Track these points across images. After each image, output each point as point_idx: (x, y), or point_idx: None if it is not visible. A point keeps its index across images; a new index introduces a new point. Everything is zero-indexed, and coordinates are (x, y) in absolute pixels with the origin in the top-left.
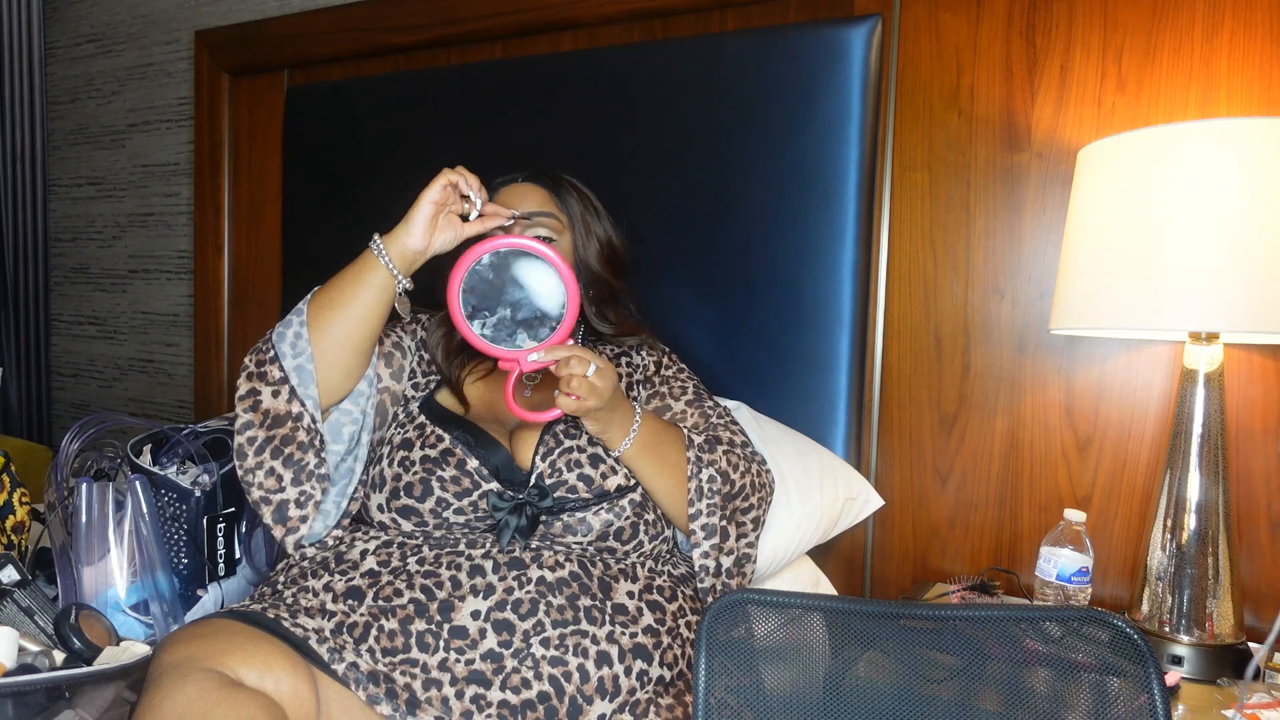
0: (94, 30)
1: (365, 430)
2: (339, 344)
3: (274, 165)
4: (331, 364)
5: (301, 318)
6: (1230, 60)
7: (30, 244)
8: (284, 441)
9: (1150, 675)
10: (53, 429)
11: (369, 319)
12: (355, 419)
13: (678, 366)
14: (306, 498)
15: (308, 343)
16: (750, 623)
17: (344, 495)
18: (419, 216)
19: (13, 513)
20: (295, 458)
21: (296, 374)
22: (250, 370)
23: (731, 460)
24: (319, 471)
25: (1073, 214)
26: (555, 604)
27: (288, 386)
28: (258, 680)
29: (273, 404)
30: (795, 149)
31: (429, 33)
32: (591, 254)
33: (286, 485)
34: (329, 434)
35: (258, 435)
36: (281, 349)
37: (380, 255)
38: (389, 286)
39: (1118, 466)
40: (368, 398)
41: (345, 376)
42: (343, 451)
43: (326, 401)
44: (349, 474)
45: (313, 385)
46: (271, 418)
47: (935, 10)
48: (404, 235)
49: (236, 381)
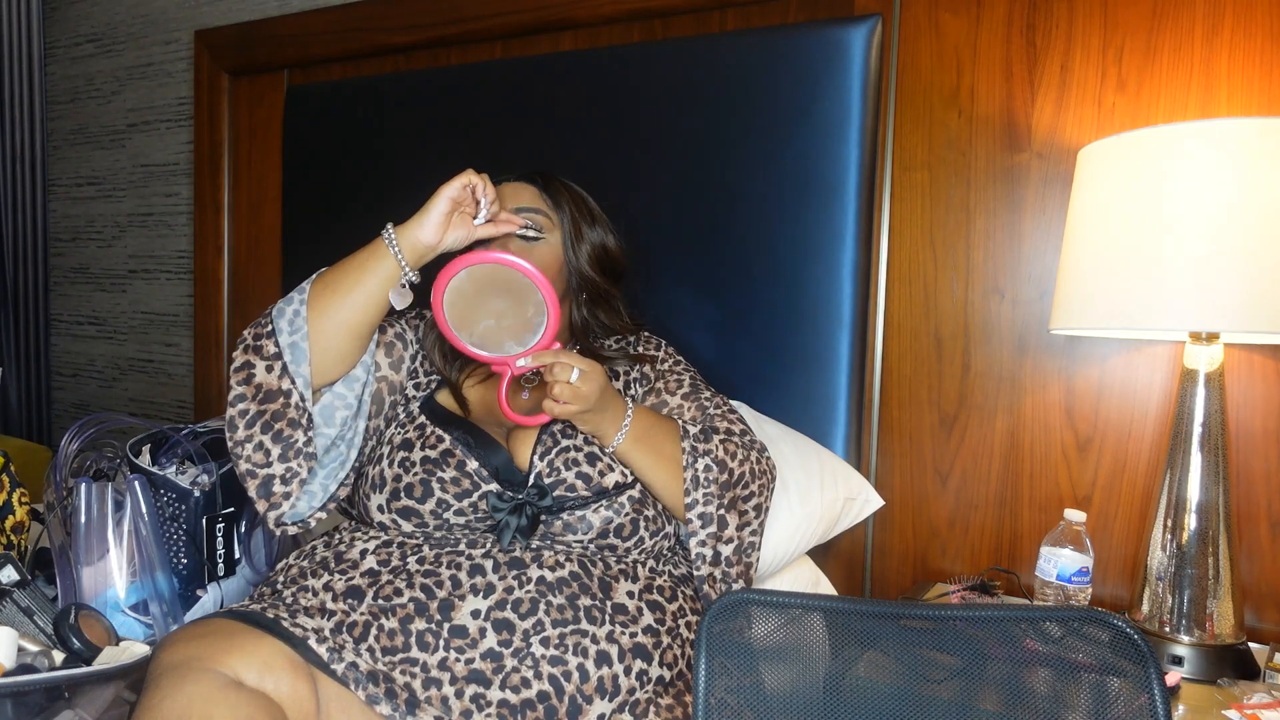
0: (94, 30)
1: (360, 417)
2: (337, 327)
3: (274, 165)
4: (327, 346)
5: (303, 296)
6: (1230, 60)
7: (30, 244)
8: (274, 417)
9: (1150, 675)
10: (52, 429)
11: (370, 307)
12: (349, 404)
13: (674, 360)
14: (292, 474)
15: (305, 321)
16: (750, 623)
17: (333, 479)
18: (435, 211)
19: (12, 513)
20: (285, 434)
21: (290, 351)
22: (247, 343)
23: (729, 449)
24: (307, 450)
25: (1073, 214)
26: (555, 603)
27: (280, 363)
28: (257, 680)
29: (266, 379)
30: (795, 149)
31: (429, 33)
32: (582, 256)
33: (274, 461)
34: (322, 417)
35: (249, 409)
36: (279, 324)
37: (391, 245)
38: (395, 277)
39: (1118, 466)
40: (363, 384)
41: (339, 360)
42: (334, 435)
43: (318, 382)
44: (340, 459)
45: (305, 364)
46: (264, 392)
47: (935, 10)
48: (417, 228)
49: (233, 353)
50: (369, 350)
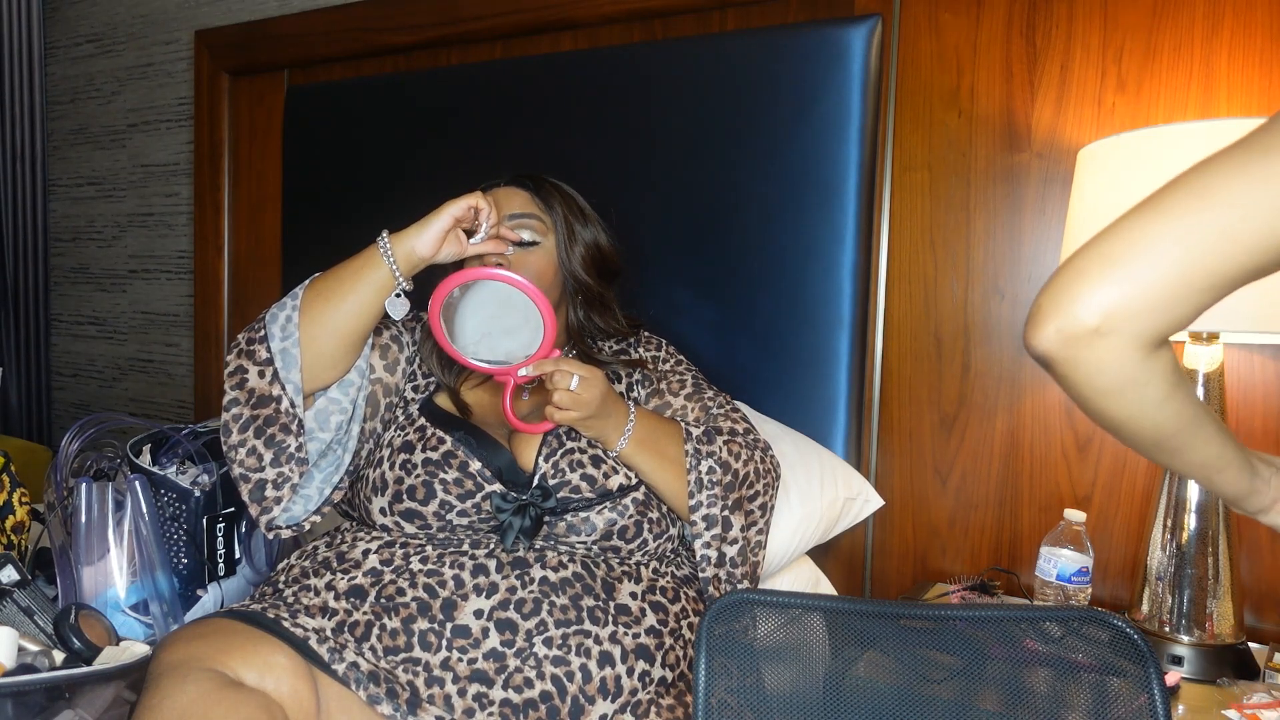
0: (94, 30)
1: (355, 420)
2: (329, 334)
3: (274, 165)
4: (319, 352)
5: (296, 302)
6: (1230, 60)
7: (30, 244)
8: (267, 422)
9: (1150, 675)
10: (53, 429)
11: (363, 314)
12: (344, 408)
13: (675, 359)
14: (284, 479)
15: (296, 327)
16: (750, 623)
17: (328, 483)
18: (436, 225)
19: (12, 513)
20: (277, 439)
21: (281, 357)
22: (241, 347)
23: (732, 449)
24: (298, 455)
25: (1073, 214)
26: (558, 604)
27: (272, 368)
28: (257, 680)
29: (258, 384)
30: (795, 149)
31: (429, 33)
32: (576, 259)
33: (266, 465)
34: (316, 421)
35: (243, 413)
36: (272, 330)
37: (386, 255)
38: (389, 285)
39: (1118, 466)
40: (358, 388)
41: (331, 365)
42: (329, 440)
43: (310, 387)
44: (335, 462)
45: (295, 370)
46: (256, 397)
47: (935, 10)
48: (415, 239)
49: (226, 357)
50: (363, 355)
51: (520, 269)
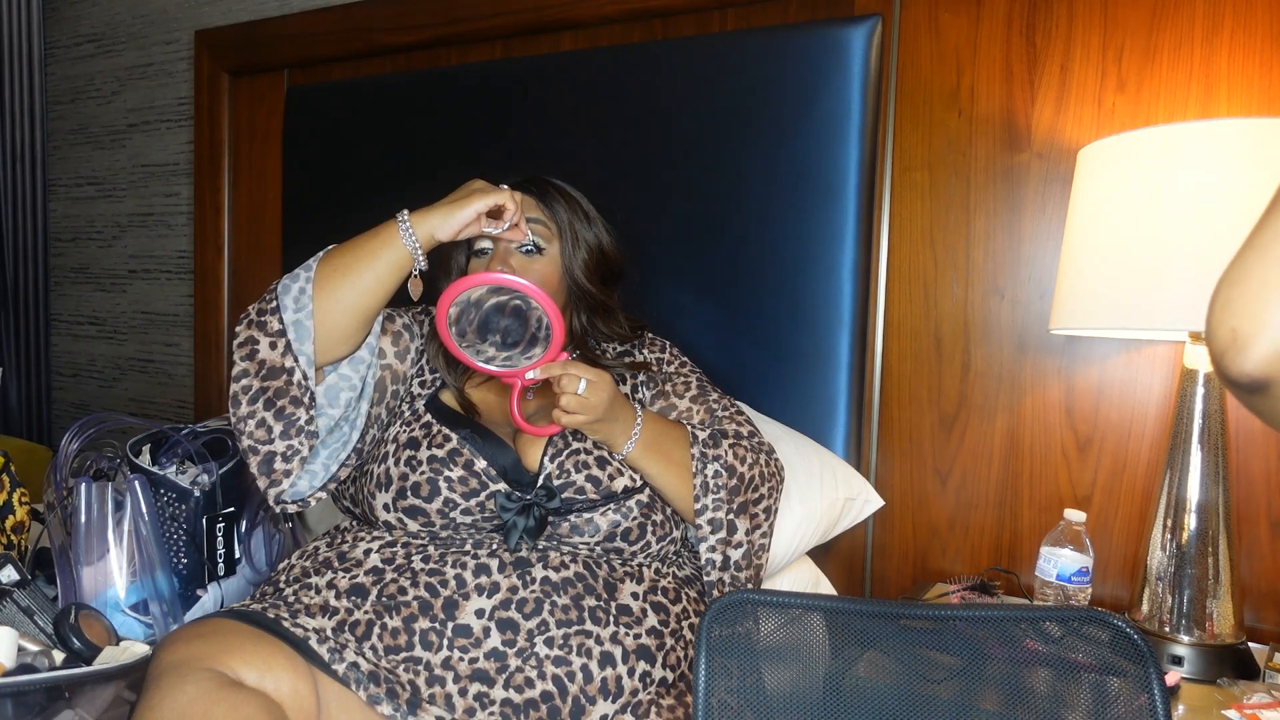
0: (94, 30)
1: (364, 400)
2: (344, 309)
3: (274, 165)
4: (332, 326)
5: (309, 274)
6: (1230, 60)
7: (30, 244)
8: (277, 394)
9: (1150, 675)
10: (53, 429)
11: (379, 291)
12: (353, 385)
13: (680, 362)
14: (294, 452)
15: (310, 299)
16: (750, 623)
17: (335, 460)
18: (462, 215)
19: (12, 513)
20: (287, 411)
21: (295, 329)
22: (251, 318)
23: (738, 453)
24: (309, 428)
25: (1073, 214)
26: (560, 604)
27: (285, 340)
28: (257, 680)
29: (269, 355)
30: (795, 149)
31: (429, 33)
32: (579, 264)
33: (275, 438)
34: (326, 398)
35: (252, 384)
36: (284, 301)
37: (407, 235)
38: (406, 264)
39: (1118, 466)
40: (368, 365)
41: (344, 340)
42: (338, 416)
43: (321, 361)
44: (343, 439)
45: (309, 342)
46: (267, 368)
47: (935, 10)
48: (438, 222)
49: (235, 329)
50: (374, 333)
51: (526, 275)
